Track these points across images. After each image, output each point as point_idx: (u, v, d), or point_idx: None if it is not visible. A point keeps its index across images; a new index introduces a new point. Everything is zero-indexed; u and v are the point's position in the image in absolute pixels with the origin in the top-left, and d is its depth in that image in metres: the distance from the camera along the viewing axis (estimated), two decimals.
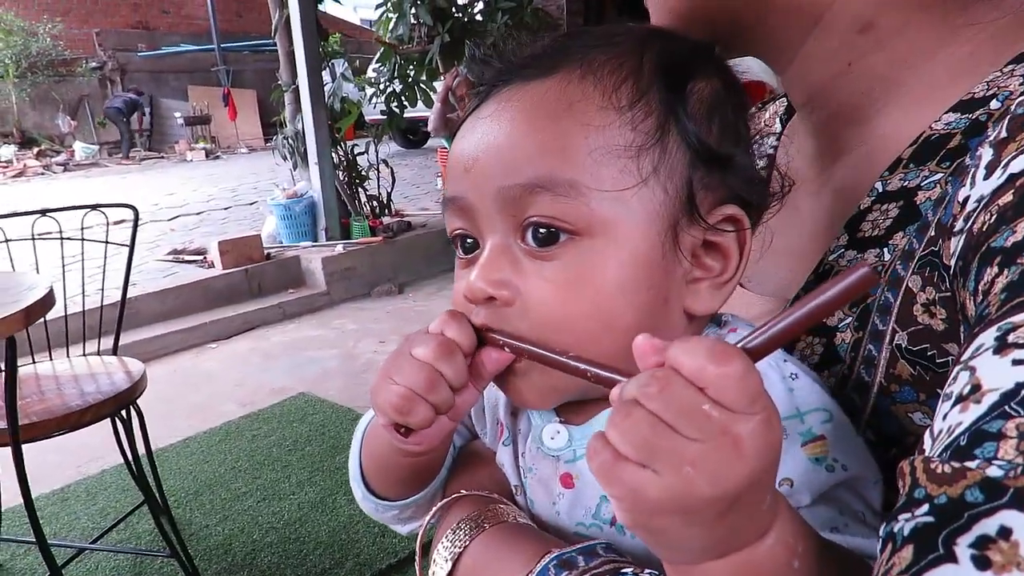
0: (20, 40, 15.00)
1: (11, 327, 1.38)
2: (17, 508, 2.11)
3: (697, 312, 0.51)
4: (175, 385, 3.85)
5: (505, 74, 0.52)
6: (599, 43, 0.51)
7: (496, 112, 0.50)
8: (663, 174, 0.48)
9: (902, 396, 0.46)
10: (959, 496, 0.31)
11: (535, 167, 0.47)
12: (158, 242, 6.40)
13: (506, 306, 0.48)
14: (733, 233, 0.50)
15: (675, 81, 0.50)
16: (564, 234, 0.47)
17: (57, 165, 14.13)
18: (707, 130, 0.50)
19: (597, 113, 0.48)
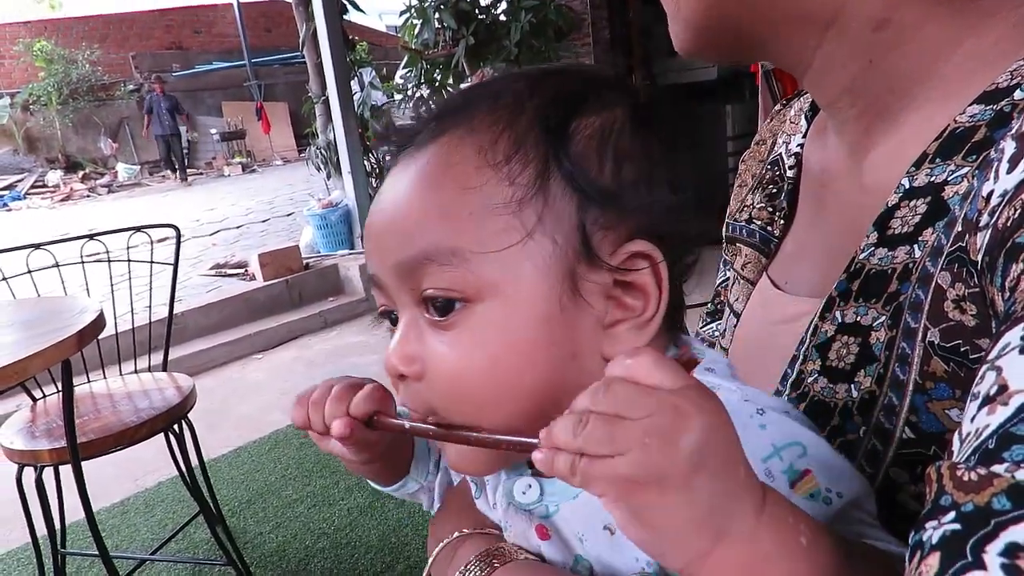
0: (61, 68, 15.50)
1: (65, 351, 1.43)
2: (80, 522, 2.18)
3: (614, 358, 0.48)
4: (223, 397, 3.94)
5: (402, 143, 0.52)
6: (488, 96, 0.50)
7: (390, 184, 0.50)
8: (548, 224, 0.46)
9: (938, 393, 0.45)
10: (986, 504, 0.30)
11: (421, 239, 0.46)
12: (201, 257, 6.55)
13: (417, 381, 0.48)
14: (647, 269, 0.47)
15: (556, 122, 0.48)
16: (458, 302, 0.46)
17: (102, 187, 14.58)
18: (597, 168, 0.48)
19: (474, 173, 0.46)
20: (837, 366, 0.53)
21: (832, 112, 0.62)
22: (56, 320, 1.61)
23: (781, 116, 0.80)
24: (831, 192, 0.64)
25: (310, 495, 2.79)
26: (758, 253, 0.73)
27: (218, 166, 15.83)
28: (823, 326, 0.55)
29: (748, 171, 0.83)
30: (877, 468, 0.49)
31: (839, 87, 0.57)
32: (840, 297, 0.54)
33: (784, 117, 0.79)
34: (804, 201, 0.70)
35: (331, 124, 5.63)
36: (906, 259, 0.50)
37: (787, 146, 0.73)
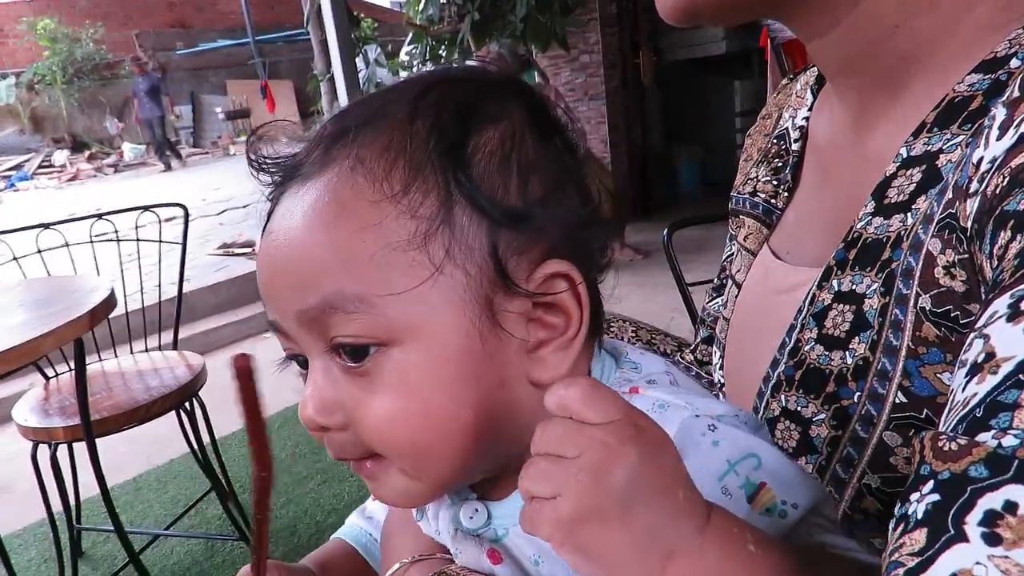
0: (65, 47, 15.44)
1: (78, 330, 1.45)
2: (95, 498, 2.22)
3: (544, 381, 0.45)
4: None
5: (285, 174, 0.48)
6: (370, 118, 0.46)
7: (277, 227, 0.46)
8: (458, 256, 0.43)
9: (930, 358, 0.46)
10: (963, 471, 0.31)
11: (320, 288, 0.43)
12: (208, 236, 6.56)
13: (340, 432, 0.46)
14: (566, 289, 0.45)
15: (451, 142, 0.44)
16: (372, 347, 0.43)
17: (108, 167, 14.58)
18: (502, 187, 0.45)
19: (371, 210, 0.43)
20: (833, 334, 0.54)
21: (838, 82, 0.61)
22: (67, 299, 1.63)
23: (788, 90, 0.80)
24: (834, 163, 0.64)
25: (320, 472, 2.82)
26: (760, 224, 0.73)
27: (223, 145, 15.79)
28: (820, 295, 0.56)
29: (754, 145, 0.83)
30: (871, 432, 0.49)
31: (856, 52, 0.56)
32: (837, 266, 0.55)
33: (790, 91, 0.79)
34: (807, 173, 0.70)
35: (336, 102, 5.60)
36: (899, 227, 0.50)
37: (793, 120, 0.73)
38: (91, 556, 2.47)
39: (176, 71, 17.00)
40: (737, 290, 0.74)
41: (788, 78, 0.83)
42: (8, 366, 1.29)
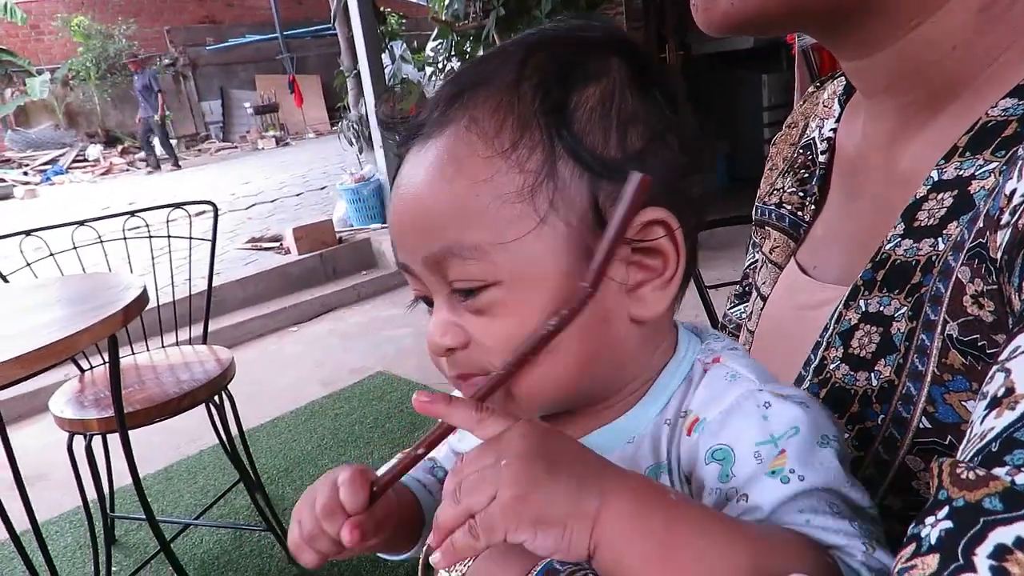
0: (98, 43, 15.70)
1: (112, 327, 1.49)
2: (127, 488, 2.28)
3: (644, 318, 0.50)
4: (261, 369, 4.04)
5: (410, 132, 0.52)
6: (481, 79, 0.50)
7: (406, 180, 0.51)
8: (561, 207, 0.47)
9: (955, 385, 0.46)
10: (977, 502, 0.31)
11: (441, 236, 0.48)
12: (237, 231, 6.66)
13: (464, 350, 0.50)
14: (664, 235, 0.49)
15: (555, 100, 0.48)
16: (485, 288, 0.48)
17: (140, 161, 14.81)
18: (603, 141, 0.48)
19: (484, 165, 0.47)
20: (858, 354, 0.54)
21: (878, 100, 0.60)
22: (102, 296, 1.67)
23: (814, 99, 0.79)
24: (863, 180, 0.63)
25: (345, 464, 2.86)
26: (787, 237, 0.73)
27: (252, 139, 15.97)
28: (847, 314, 0.56)
29: (779, 154, 0.82)
30: (894, 455, 0.50)
31: (901, 74, 0.56)
32: (865, 286, 0.55)
33: (817, 100, 0.78)
34: (835, 187, 0.69)
35: (363, 98, 5.64)
36: (930, 251, 0.50)
37: (820, 130, 0.73)
38: (124, 543, 2.54)
39: (206, 66, 17.22)
40: (762, 303, 0.74)
41: (815, 85, 0.83)
42: (46, 362, 1.33)
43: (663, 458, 0.50)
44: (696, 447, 0.48)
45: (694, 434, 0.49)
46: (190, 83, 17.03)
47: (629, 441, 0.52)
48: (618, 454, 0.52)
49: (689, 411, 0.50)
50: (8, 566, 2.45)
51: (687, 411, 0.50)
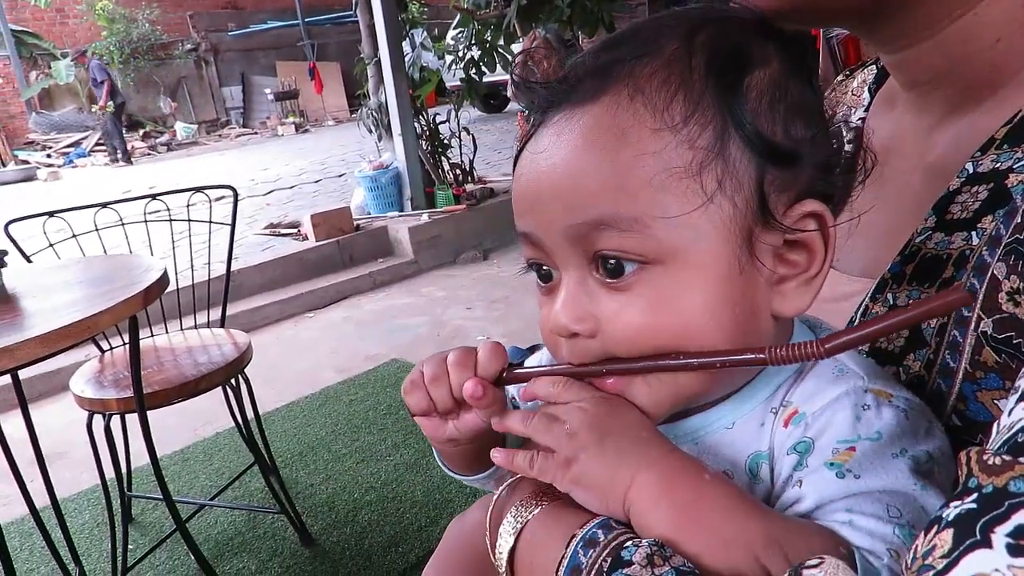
0: (122, 27, 15.83)
1: (132, 308, 1.50)
2: (145, 468, 2.32)
3: (785, 314, 0.49)
4: (277, 353, 4.07)
5: (552, 98, 0.50)
6: (643, 51, 0.48)
7: (551, 146, 0.48)
8: (729, 187, 0.46)
9: (987, 383, 0.45)
10: (1003, 486, 0.31)
11: (597, 206, 0.46)
12: (255, 216, 6.71)
13: (589, 339, 0.49)
14: (816, 229, 0.47)
15: (729, 80, 0.46)
16: (633, 263, 0.46)
17: (161, 145, 14.97)
18: (771, 125, 0.47)
19: (651, 138, 0.45)
20: (886, 348, 0.53)
21: (918, 92, 0.59)
22: (123, 277, 1.69)
23: (843, 87, 0.78)
24: (892, 170, 0.62)
25: (358, 450, 2.89)
26: None
27: (272, 126, 16.05)
28: (873, 307, 0.55)
29: None
30: None
31: (949, 65, 0.55)
32: (893, 279, 0.54)
33: (846, 88, 0.77)
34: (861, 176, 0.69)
35: (383, 86, 5.65)
36: (963, 245, 0.49)
37: (847, 119, 0.72)
38: (140, 522, 2.58)
39: (227, 52, 17.30)
40: None
41: (844, 74, 0.82)
42: (68, 341, 1.35)
43: (764, 446, 0.49)
44: (786, 440, 0.48)
45: (790, 426, 0.48)
46: (211, 68, 17.13)
47: (728, 428, 0.51)
48: (715, 439, 0.51)
49: (789, 403, 0.49)
50: (28, 541, 2.50)
51: (788, 402, 0.49)
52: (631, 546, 0.43)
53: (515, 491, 0.59)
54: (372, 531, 2.37)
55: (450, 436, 0.58)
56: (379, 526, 2.39)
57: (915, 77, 0.59)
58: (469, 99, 5.72)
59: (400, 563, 2.19)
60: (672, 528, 0.43)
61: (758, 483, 0.49)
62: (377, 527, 2.38)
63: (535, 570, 0.50)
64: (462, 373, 0.54)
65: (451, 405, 0.56)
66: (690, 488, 0.44)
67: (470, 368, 0.54)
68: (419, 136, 5.68)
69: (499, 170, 7.28)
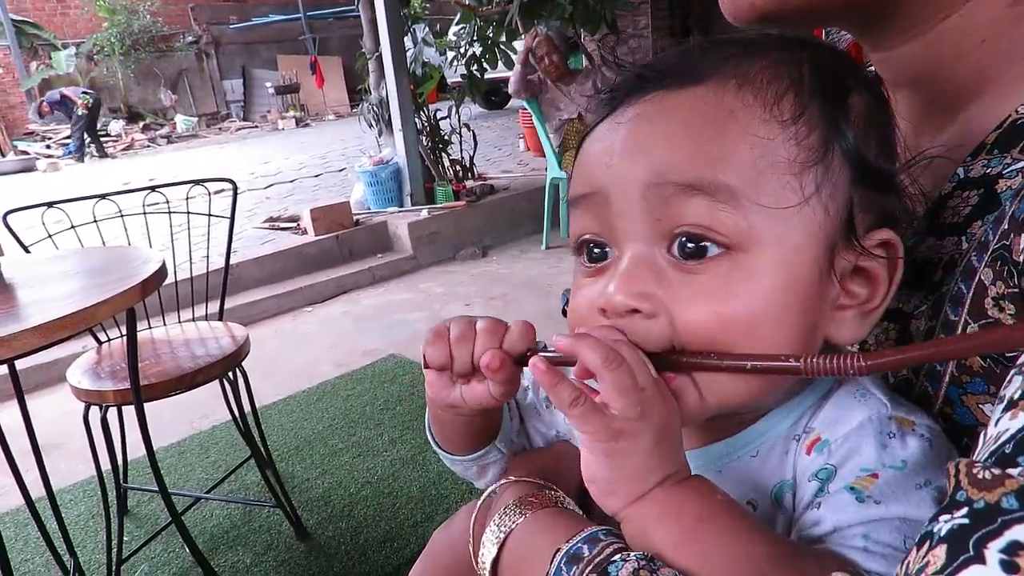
0: (123, 19, 15.78)
1: (130, 300, 1.50)
2: (140, 460, 2.31)
3: (839, 342, 0.48)
4: (275, 347, 4.07)
5: (645, 79, 0.49)
6: (749, 51, 0.48)
7: (643, 113, 0.47)
8: (825, 193, 0.45)
9: (973, 387, 0.46)
10: (996, 502, 0.31)
11: (694, 168, 0.44)
12: (255, 210, 6.69)
13: (648, 319, 0.46)
14: (884, 259, 0.47)
15: (835, 94, 0.47)
16: (716, 247, 0.44)
17: (161, 138, 14.91)
18: (867, 146, 0.47)
19: (760, 125, 0.44)
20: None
21: (905, 94, 0.60)
22: (122, 269, 1.69)
23: None
24: None
25: (355, 445, 2.89)
26: None
27: (272, 119, 16.02)
28: None
29: None
30: None
31: (935, 65, 0.55)
32: None
33: None
34: None
35: (383, 81, 5.64)
36: (953, 250, 0.49)
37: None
38: (136, 514, 2.58)
39: (228, 45, 17.25)
40: None
41: None
42: (66, 332, 1.35)
43: (789, 475, 0.48)
44: (808, 467, 0.47)
45: (813, 453, 0.47)
46: (212, 61, 17.08)
47: (753, 455, 0.50)
48: (740, 466, 0.50)
49: (812, 429, 0.48)
50: (23, 532, 2.50)
51: (810, 428, 0.48)
52: (618, 561, 0.43)
53: (499, 498, 0.58)
54: (367, 526, 2.37)
55: (453, 401, 0.56)
56: (375, 521, 2.39)
57: (900, 77, 0.59)
58: (470, 95, 5.70)
59: (395, 558, 2.19)
60: (671, 540, 0.43)
61: (782, 512, 0.48)
62: (373, 522, 2.38)
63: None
64: (488, 340, 0.52)
65: (468, 368, 0.53)
66: (697, 510, 0.43)
67: (498, 339, 0.52)
68: (420, 132, 5.67)
69: (499, 167, 7.27)
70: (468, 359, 0.53)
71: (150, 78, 16.38)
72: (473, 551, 0.54)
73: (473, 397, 0.55)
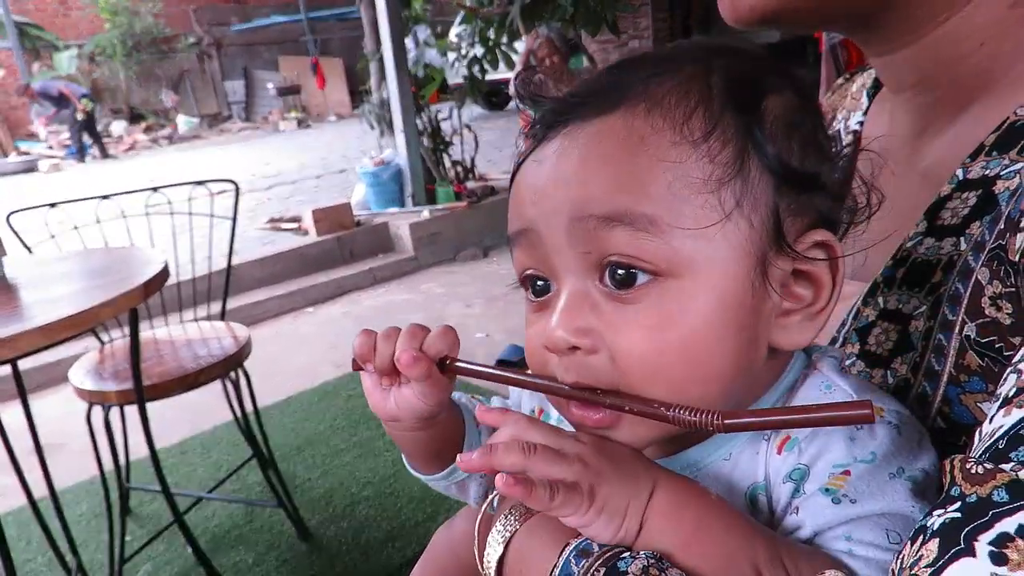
0: (125, 20, 15.82)
1: (132, 301, 1.51)
2: (143, 460, 2.31)
3: (783, 346, 0.48)
4: (276, 348, 4.08)
5: (560, 113, 0.49)
6: (657, 71, 0.47)
7: (561, 148, 0.47)
8: (747, 206, 0.45)
9: (971, 386, 0.46)
10: (987, 496, 0.32)
11: (611, 200, 0.44)
12: (256, 211, 6.70)
13: (589, 355, 0.46)
14: (824, 261, 0.47)
15: (747, 102, 0.46)
16: (645, 275, 0.45)
17: (163, 139, 14.95)
18: (788, 150, 0.46)
19: (671, 148, 0.44)
20: (875, 351, 0.54)
21: (905, 97, 0.60)
22: (124, 270, 1.70)
23: (843, 91, 0.79)
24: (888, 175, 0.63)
25: (356, 445, 2.90)
26: None
27: (273, 120, 16.04)
28: (865, 311, 0.56)
29: None
30: None
31: (936, 67, 0.55)
32: (884, 283, 0.55)
33: (845, 92, 0.77)
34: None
35: (385, 82, 5.65)
36: (951, 251, 0.50)
37: (846, 122, 0.72)
38: (138, 514, 2.59)
39: (230, 46, 17.29)
40: None
41: (844, 77, 0.82)
42: (69, 332, 1.36)
43: (760, 477, 0.48)
44: (781, 467, 0.47)
45: (784, 453, 0.47)
46: (214, 63, 17.12)
47: (725, 459, 0.50)
48: (713, 471, 0.50)
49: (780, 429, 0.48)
50: (26, 531, 2.51)
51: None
52: (628, 557, 0.43)
53: (503, 500, 0.58)
54: (369, 526, 2.37)
55: (390, 412, 0.58)
56: (376, 521, 2.39)
57: (901, 80, 0.60)
58: (471, 96, 5.71)
59: (397, 558, 2.20)
60: (676, 543, 0.44)
61: (758, 514, 0.49)
62: (374, 522, 2.39)
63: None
64: (407, 342, 0.55)
65: (388, 366, 0.56)
66: (695, 510, 0.45)
67: (418, 341, 0.55)
68: (421, 133, 5.68)
69: (500, 168, 7.27)
70: (388, 357, 0.55)
71: (152, 79, 16.42)
72: (478, 551, 0.54)
73: (404, 402, 0.57)
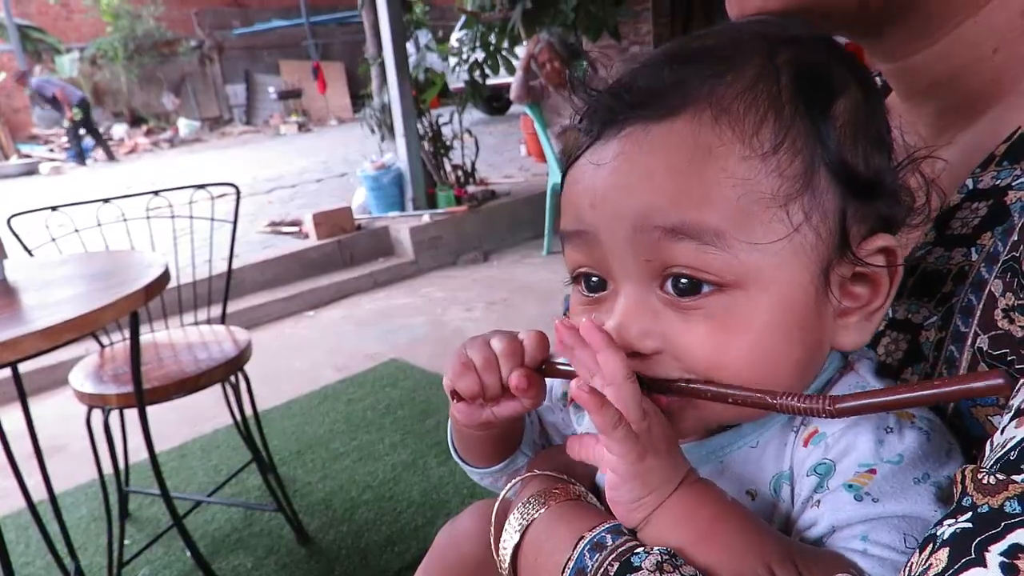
0: (127, 23, 15.84)
1: (133, 304, 1.51)
2: (142, 463, 2.32)
3: (845, 347, 0.49)
4: (277, 351, 4.07)
5: (616, 111, 0.47)
6: (721, 67, 0.46)
7: (623, 152, 0.46)
8: (815, 219, 0.44)
9: (983, 399, 0.46)
10: (999, 506, 0.32)
11: (678, 211, 0.43)
12: (257, 214, 6.70)
13: (652, 355, 0.47)
14: (885, 267, 0.47)
15: (818, 107, 0.45)
16: (708, 285, 0.45)
17: (164, 142, 14.95)
18: (855, 157, 0.46)
19: (740, 163, 0.43)
20: (885, 361, 0.54)
21: (916, 103, 0.59)
22: (125, 273, 1.70)
23: None
24: None
25: (356, 449, 2.89)
26: None
27: (274, 124, 16.06)
28: None
29: None
30: None
31: (948, 74, 0.55)
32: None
33: None
34: None
35: (386, 86, 5.66)
36: (962, 261, 0.49)
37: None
38: (137, 517, 2.58)
39: (231, 50, 17.31)
40: None
41: None
42: (70, 335, 1.36)
43: (785, 467, 0.49)
44: (805, 461, 0.47)
45: (810, 446, 0.47)
46: (215, 66, 17.14)
47: (753, 446, 0.51)
48: (740, 457, 0.51)
49: (809, 422, 0.48)
50: (25, 534, 2.50)
51: (808, 421, 0.48)
52: (642, 552, 0.44)
53: (522, 490, 0.59)
54: (369, 530, 2.37)
55: (486, 420, 0.57)
56: (376, 525, 2.39)
57: (912, 87, 0.59)
58: (472, 101, 5.72)
59: (396, 563, 2.19)
60: (690, 539, 0.44)
61: (781, 502, 0.49)
62: (374, 526, 2.39)
63: (539, 570, 0.50)
64: (511, 362, 0.53)
65: (499, 392, 0.54)
66: (711, 510, 0.45)
67: (519, 357, 0.53)
68: (421, 137, 5.69)
69: (500, 172, 7.28)
70: (498, 384, 0.54)
71: (153, 82, 16.43)
72: (494, 537, 0.55)
73: (505, 413, 0.56)
